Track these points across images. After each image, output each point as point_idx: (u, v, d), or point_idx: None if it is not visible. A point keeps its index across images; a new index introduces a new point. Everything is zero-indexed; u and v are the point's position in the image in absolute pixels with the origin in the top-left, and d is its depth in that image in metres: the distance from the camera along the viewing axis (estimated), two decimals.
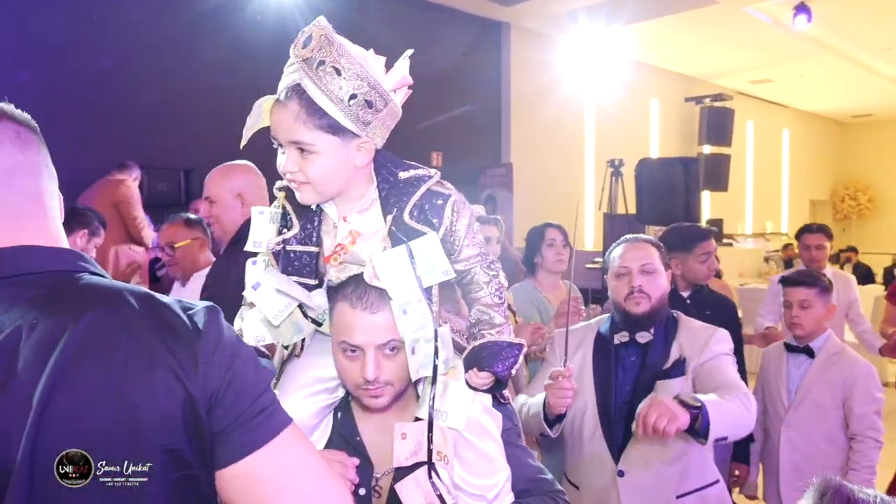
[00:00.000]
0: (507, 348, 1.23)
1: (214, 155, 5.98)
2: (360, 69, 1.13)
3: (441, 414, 1.20)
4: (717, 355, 1.98)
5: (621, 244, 2.12)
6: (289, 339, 1.29)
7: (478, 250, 1.27)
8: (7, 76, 5.07)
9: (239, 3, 6.27)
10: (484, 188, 8.38)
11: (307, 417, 1.28)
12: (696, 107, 11.00)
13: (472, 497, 1.23)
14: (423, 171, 1.25)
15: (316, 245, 1.26)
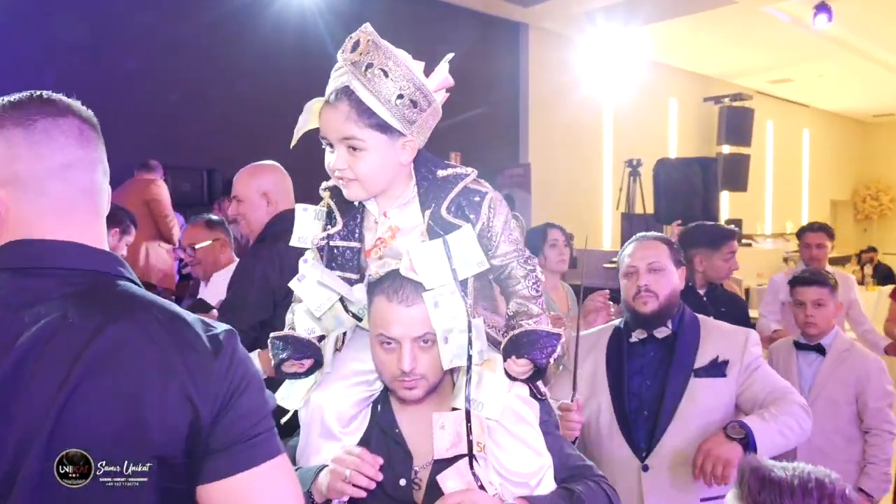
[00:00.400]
0: (546, 337, 1.27)
1: (236, 155, 6.08)
2: (407, 71, 1.20)
3: (477, 404, 1.24)
4: (757, 358, 1.99)
5: (632, 243, 2.12)
6: (331, 330, 1.34)
7: (514, 246, 1.31)
8: (33, 78, 5.17)
9: (261, 6, 6.36)
10: (502, 188, 8.39)
11: (346, 408, 1.33)
12: (714, 107, 10.95)
13: (516, 485, 1.26)
14: (461, 169, 1.31)
15: (358, 241, 1.32)
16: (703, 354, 1.98)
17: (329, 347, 1.35)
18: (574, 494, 1.27)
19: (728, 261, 3.08)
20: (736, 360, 1.96)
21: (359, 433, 1.33)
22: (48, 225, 0.98)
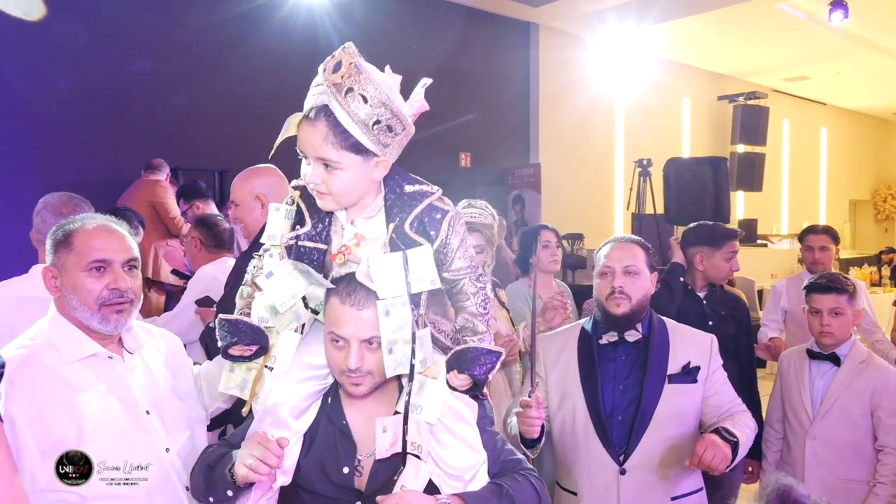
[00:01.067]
0: (487, 354, 1.36)
1: (247, 157, 6.12)
2: (385, 97, 1.25)
3: (416, 408, 1.32)
4: (719, 366, 2.07)
5: (609, 243, 2.14)
6: (286, 325, 1.42)
7: (468, 263, 1.40)
8: (46, 82, 5.26)
9: (270, 9, 6.40)
10: (512, 189, 8.40)
11: (298, 401, 1.41)
12: (729, 105, 10.86)
13: (451, 478, 1.35)
14: (427, 186, 1.39)
15: (325, 243, 1.39)
16: (674, 360, 2.03)
17: (287, 345, 1.41)
18: (503, 489, 1.35)
19: (729, 261, 3.03)
20: (704, 365, 2.03)
21: (307, 423, 1.42)
22: None
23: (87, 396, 1.46)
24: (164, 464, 1.53)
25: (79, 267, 1.51)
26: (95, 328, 1.52)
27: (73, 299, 1.51)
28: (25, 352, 1.47)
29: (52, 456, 1.38)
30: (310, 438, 1.44)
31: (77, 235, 1.53)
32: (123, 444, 1.47)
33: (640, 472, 1.98)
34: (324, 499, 1.42)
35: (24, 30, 5.09)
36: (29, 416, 1.38)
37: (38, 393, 1.41)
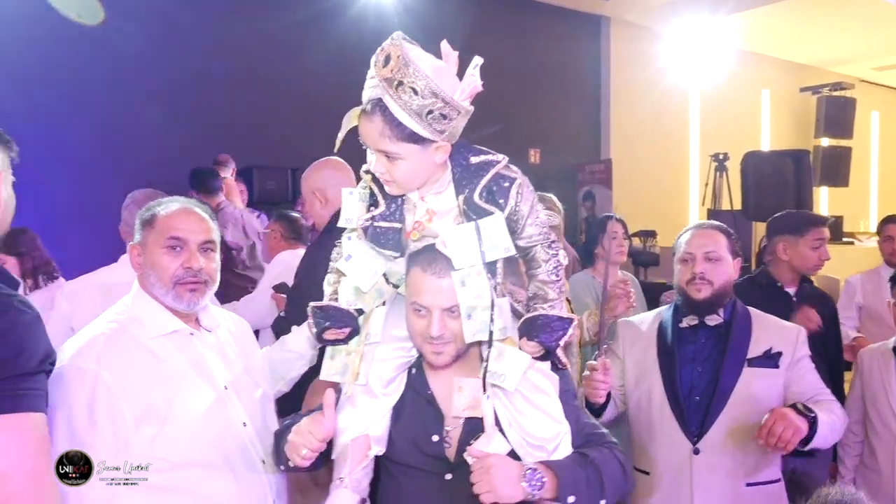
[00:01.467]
0: (557, 321, 1.37)
1: (318, 154, 6.26)
2: (435, 87, 1.25)
3: (496, 375, 1.34)
4: (805, 355, 2.03)
5: (690, 230, 2.16)
6: (372, 304, 1.47)
7: (539, 230, 1.40)
8: (134, 84, 5.54)
9: (340, 9, 6.53)
10: (582, 185, 8.30)
11: (387, 372, 1.46)
12: (812, 97, 10.38)
13: (534, 447, 1.37)
14: (493, 156, 1.39)
15: (399, 222, 1.43)
16: (756, 345, 2.03)
17: (379, 319, 1.47)
18: (588, 459, 1.37)
19: (816, 249, 2.87)
20: (788, 353, 2.02)
21: (396, 394, 1.47)
22: None
23: (172, 369, 1.53)
24: (242, 437, 1.59)
25: (158, 244, 1.58)
26: (170, 305, 1.59)
27: (152, 275, 1.58)
28: (115, 326, 1.54)
29: (142, 424, 1.45)
30: (398, 412, 1.48)
31: (159, 215, 1.61)
32: (206, 416, 1.54)
33: (713, 454, 1.99)
34: (416, 471, 1.45)
35: (109, 36, 5.36)
36: (122, 385, 1.45)
37: (129, 363, 1.49)
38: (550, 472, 1.32)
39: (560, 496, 1.31)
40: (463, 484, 1.37)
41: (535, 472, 1.30)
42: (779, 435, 1.72)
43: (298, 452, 1.36)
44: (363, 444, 1.42)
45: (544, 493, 1.30)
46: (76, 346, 1.50)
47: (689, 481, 2.00)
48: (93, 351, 1.47)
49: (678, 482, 2.02)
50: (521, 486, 1.28)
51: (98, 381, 1.44)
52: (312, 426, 1.37)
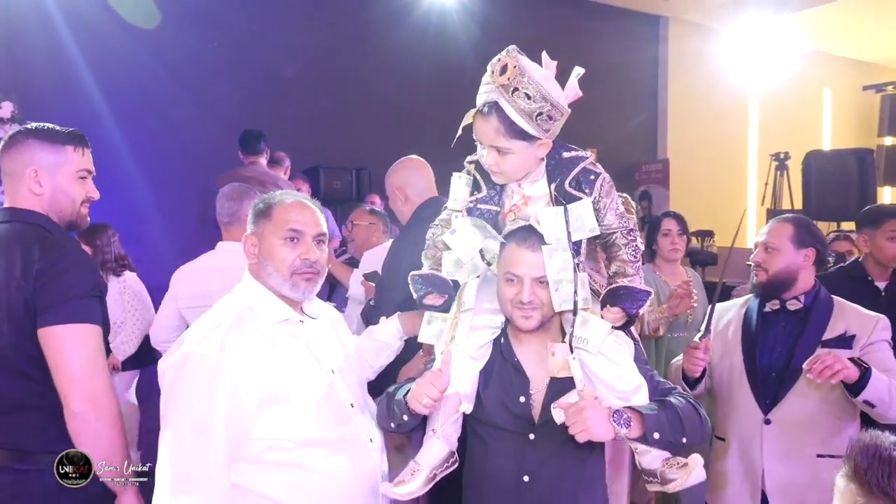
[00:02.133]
0: (637, 292, 1.56)
1: (381, 155, 6.47)
2: (545, 91, 1.49)
3: (581, 340, 1.54)
4: (882, 340, 2.15)
5: (772, 220, 2.40)
6: (466, 277, 1.68)
7: (618, 219, 1.61)
8: (205, 89, 5.81)
9: (403, 14, 6.71)
10: (639, 184, 8.32)
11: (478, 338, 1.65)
12: (875, 95, 10.12)
13: (618, 398, 1.57)
14: (582, 152, 1.63)
15: (498, 205, 1.66)
16: (833, 328, 2.19)
17: (472, 289, 1.67)
18: (667, 403, 1.56)
19: (892, 240, 2.96)
20: (863, 336, 2.16)
21: (484, 359, 1.66)
22: None
23: (289, 354, 1.60)
24: (351, 417, 1.67)
25: (276, 235, 1.63)
26: (286, 294, 1.64)
27: (269, 265, 1.63)
28: (232, 315, 1.59)
29: (267, 407, 1.52)
30: (486, 377, 1.65)
31: (276, 208, 1.66)
32: (321, 398, 1.62)
33: (784, 424, 2.16)
34: (502, 431, 1.62)
35: (179, 36, 5.64)
36: (244, 372, 1.50)
37: (249, 350, 1.54)
38: (636, 413, 1.50)
39: (646, 433, 1.48)
40: (545, 443, 1.58)
41: (622, 413, 1.48)
42: (826, 364, 1.88)
43: (420, 400, 1.53)
44: (455, 400, 1.60)
45: (632, 431, 1.48)
46: (200, 333, 1.56)
47: (759, 448, 2.18)
48: (216, 338, 1.52)
49: (750, 448, 2.21)
50: (611, 424, 1.46)
51: (220, 367, 1.48)
52: (433, 378, 1.54)
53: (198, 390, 1.49)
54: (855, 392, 1.95)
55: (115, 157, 5.16)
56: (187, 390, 1.49)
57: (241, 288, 1.68)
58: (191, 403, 1.49)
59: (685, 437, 1.52)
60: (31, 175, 1.80)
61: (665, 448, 1.53)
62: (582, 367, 1.58)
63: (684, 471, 1.50)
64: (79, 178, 1.87)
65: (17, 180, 1.81)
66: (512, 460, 1.61)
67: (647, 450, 1.54)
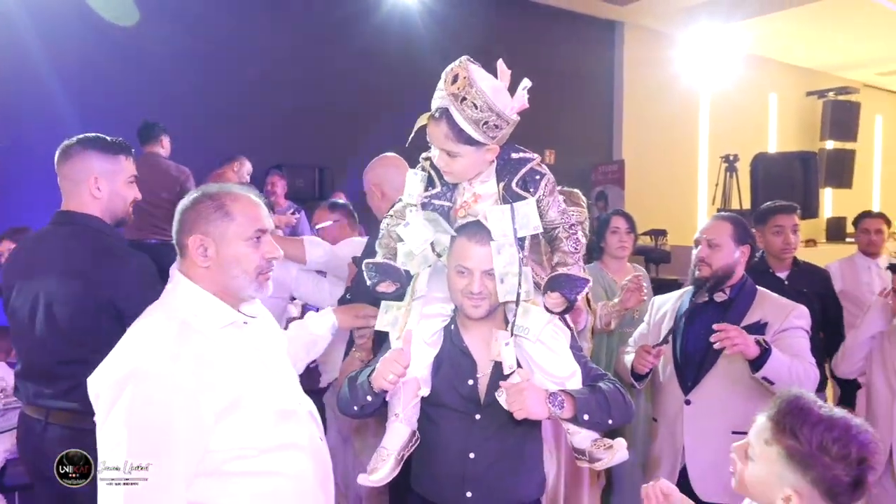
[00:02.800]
0: (577, 279, 1.69)
1: (344, 154, 6.57)
2: (492, 103, 1.57)
3: (523, 329, 1.69)
4: (795, 327, 2.35)
5: (710, 218, 2.54)
6: (418, 268, 1.80)
7: (561, 215, 1.74)
8: (169, 89, 5.77)
9: (367, 13, 6.77)
10: (595, 185, 8.54)
11: (431, 326, 1.79)
12: (818, 101, 10.63)
13: (554, 382, 1.71)
14: (529, 154, 1.73)
15: (450, 201, 1.75)
16: (750, 317, 2.37)
17: (424, 279, 1.80)
18: (596, 387, 1.72)
19: (778, 234, 3.22)
20: (776, 323, 2.34)
21: (437, 346, 1.80)
22: None
23: (239, 360, 1.52)
24: (302, 416, 1.64)
25: (241, 236, 1.54)
26: (250, 294, 1.59)
27: (234, 268, 1.54)
28: (176, 322, 1.47)
29: (226, 417, 1.43)
30: (437, 361, 1.78)
31: (234, 205, 1.56)
32: (276, 399, 1.57)
33: (702, 404, 2.36)
34: (451, 411, 1.76)
35: (143, 36, 5.59)
36: (201, 383, 1.40)
37: (203, 359, 1.44)
38: (569, 396, 1.65)
39: (577, 414, 1.64)
40: (489, 422, 1.73)
41: (557, 395, 1.64)
42: (729, 337, 2.09)
43: (385, 377, 1.62)
44: (414, 385, 1.71)
45: (565, 412, 1.63)
46: (142, 345, 1.43)
47: (681, 427, 2.39)
48: (164, 349, 1.40)
49: (674, 427, 2.43)
50: (546, 405, 1.61)
51: (175, 381, 1.38)
52: (396, 356, 1.64)
53: (152, 410, 1.35)
54: (756, 368, 2.15)
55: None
56: (139, 411, 1.34)
57: (178, 293, 1.55)
58: (144, 426, 1.34)
59: (611, 419, 1.68)
60: (92, 182, 2.08)
61: (593, 428, 1.68)
62: (522, 353, 1.72)
63: (610, 451, 1.67)
64: (129, 183, 2.16)
65: (79, 186, 2.08)
66: (459, 438, 1.75)
67: (577, 430, 1.69)
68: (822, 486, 1.25)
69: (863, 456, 1.25)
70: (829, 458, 1.24)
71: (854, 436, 1.25)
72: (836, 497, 1.26)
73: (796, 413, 1.29)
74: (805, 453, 1.26)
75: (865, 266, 4.05)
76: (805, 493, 1.26)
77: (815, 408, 1.30)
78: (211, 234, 1.53)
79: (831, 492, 1.25)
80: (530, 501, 1.83)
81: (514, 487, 1.77)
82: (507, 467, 1.76)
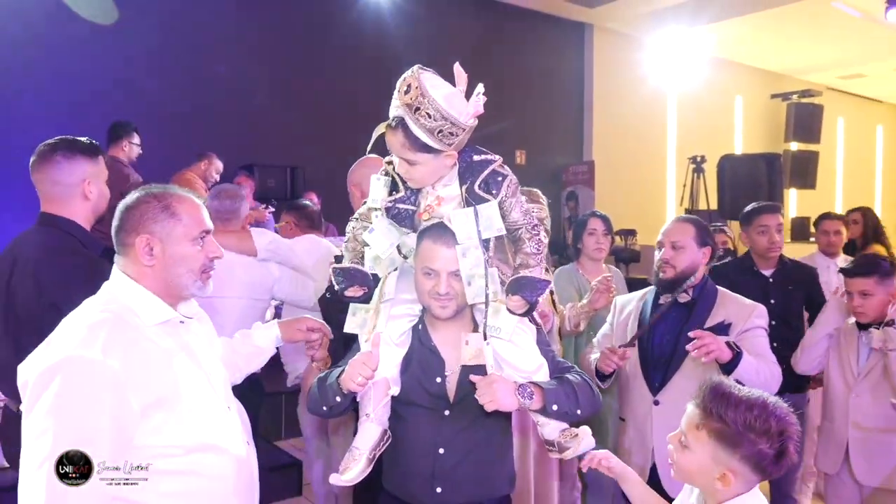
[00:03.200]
0: (538, 282, 1.70)
1: (316, 154, 6.53)
2: (445, 111, 1.57)
3: (495, 329, 1.71)
4: (756, 327, 2.39)
5: (670, 221, 2.54)
6: (385, 271, 1.81)
7: (523, 216, 1.74)
8: (136, 85, 5.72)
9: (339, 14, 6.77)
10: (566, 185, 8.63)
11: (399, 326, 1.80)
12: (782, 103, 10.85)
13: (521, 377, 1.74)
14: (491, 156, 1.74)
15: (414, 205, 1.76)
16: (713, 317, 2.40)
17: (392, 281, 1.81)
18: (563, 379, 1.76)
19: (762, 234, 3.27)
20: (738, 324, 2.38)
21: (406, 346, 1.82)
22: None
23: (171, 357, 1.53)
24: (231, 420, 1.64)
25: (187, 237, 1.57)
26: (193, 293, 1.62)
27: (180, 267, 1.56)
28: (110, 315, 1.48)
29: (152, 413, 1.43)
30: (406, 360, 1.80)
31: (180, 207, 1.58)
32: (206, 401, 1.57)
33: (670, 405, 2.35)
34: (421, 408, 1.78)
35: (114, 34, 5.56)
36: (130, 376, 1.41)
37: (134, 353, 1.45)
38: (537, 387, 1.68)
39: (546, 405, 1.67)
40: (458, 417, 1.76)
41: (526, 387, 1.66)
42: (705, 345, 2.11)
43: (354, 379, 1.65)
44: (384, 385, 1.73)
45: (534, 403, 1.66)
46: (74, 336, 1.42)
47: (650, 427, 2.42)
48: (97, 340, 1.40)
49: (643, 427, 2.45)
50: (515, 396, 1.64)
51: (105, 372, 1.38)
52: (365, 358, 1.66)
53: (80, 399, 1.35)
54: (728, 371, 2.16)
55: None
56: (67, 399, 1.34)
57: (115, 288, 1.57)
58: (72, 414, 1.34)
59: (580, 409, 1.71)
60: (85, 185, 2.15)
61: (562, 419, 1.72)
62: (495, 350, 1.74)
63: (576, 440, 1.71)
64: (105, 182, 2.25)
65: (71, 189, 2.14)
66: (428, 434, 1.78)
67: (547, 421, 1.73)
68: (751, 462, 1.38)
69: (782, 428, 1.37)
70: (753, 434, 1.36)
71: (772, 412, 1.37)
72: (764, 469, 1.38)
73: (720, 398, 1.41)
74: (732, 433, 1.37)
75: (825, 265, 4.13)
76: (737, 469, 1.39)
77: (736, 391, 1.42)
78: (157, 234, 1.55)
79: (759, 465, 1.38)
80: (501, 496, 1.85)
81: (483, 482, 1.80)
82: (476, 463, 1.78)
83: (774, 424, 1.37)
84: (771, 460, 1.37)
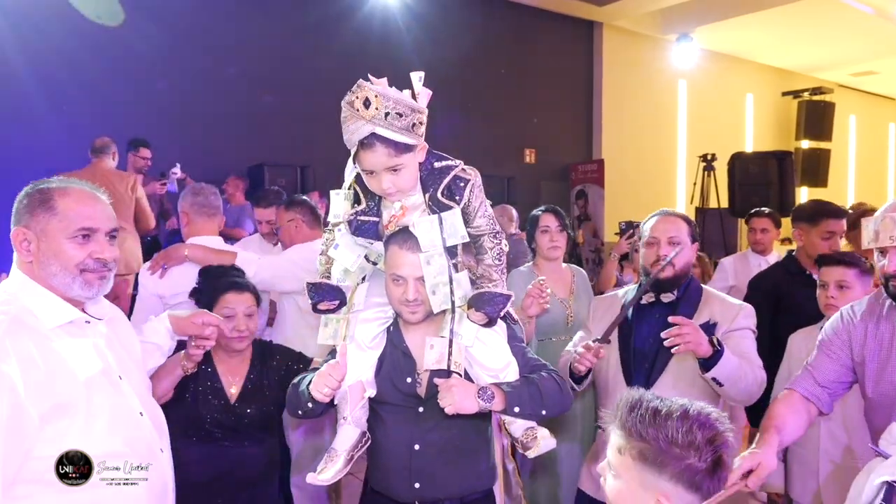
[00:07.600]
0: (499, 297, 1.71)
1: (325, 152, 6.53)
2: (410, 102, 1.58)
3: (458, 335, 1.71)
4: (743, 328, 2.25)
5: (655, 216, 2.35)
6: (356, 280, 1.82)
7: (487, 222, 1.74)
8: (147, 85, 5.75)
9: (349, 12, 6.79)
10: (575, 184, 8.61)
11: (371, 329, 1.81)
12: (793, 101, 10.80)
13: (488, 375, 1.76)
14: (451, 161, 1.73)
15: (377, 216, 1.75)
16: (698, 317, 2.24)
17: (362, 292, 1.81)
18: (530, 379, 1.76)
19: (827, 240, 2.99)
20: (724, 324, 2.23)
21: (379, 348, 1.83)
22: None
23: (75, 361, 1.44)
24: (143, 427, 1.56)
25: (63, 234, 1.46)
26: (75, 294, 1.49)
27: (53, 265, 1.46)
28: (6, 318, 1.39)
29: (53, 421, 1.37)
30: (381, 363, 1.82)
31: (60, 200, 1.48)
32: (113, 407, 1.49)
33: None
34: (395, 407, 1.80)
35: (128, 37, 5.59)
36: (27, 382, 1.34)
37: (32, 357, 1.37)
38: (499, 389, 1.69)
39: (507, 407, 1.68)
40: (432, 415, 1.76)
41: (486, 390, 1.67)
42: (682, 334, 1.94)
43: (321, 390, 1.65)
44: (359, 388, 1.75)
45: (495, 405, 1.67)
46: None
47: None
48: None
49: None
50: (476, 399, 1.65)
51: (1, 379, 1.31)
52: (331, 369, 1.66)
53: None
54: (706, 369, 2.02)
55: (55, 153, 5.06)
56: None
57: (14, 287, 1.48)
58: None
59: (545, 410, 1.72)
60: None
61: (528, 419, 1.73)
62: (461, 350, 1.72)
63: (535, 441, 1.72)
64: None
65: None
66: (404, 432, 1.80)
67: (512, 420, 1.75)
68: (683, 480, 1.19)
69: (709, 437, 1.19)
70: (678, 448, 1.19)
71: (694, 419, 1.20)
72: (700, 486, 1.20)
73: (638, 414, 1.23)
74: (655, 451, 1.20)
75: (756, 263, 4.07)
76: (670, 492, 1.20)
77: (655, 404, 1.25)
78: (32, 228, 1.46)
79: (693, 483, 1.19)
80: (483, 490, 1.87)
81: (460, 477, 1.81)
82: (452, 458, 1.80)
83: (700, 434, 1.19)
84: (705, 474, 1.19)
